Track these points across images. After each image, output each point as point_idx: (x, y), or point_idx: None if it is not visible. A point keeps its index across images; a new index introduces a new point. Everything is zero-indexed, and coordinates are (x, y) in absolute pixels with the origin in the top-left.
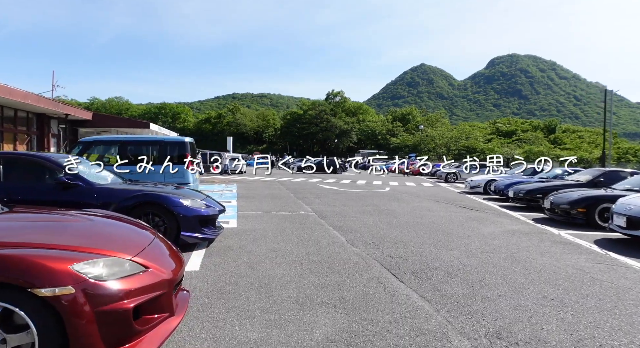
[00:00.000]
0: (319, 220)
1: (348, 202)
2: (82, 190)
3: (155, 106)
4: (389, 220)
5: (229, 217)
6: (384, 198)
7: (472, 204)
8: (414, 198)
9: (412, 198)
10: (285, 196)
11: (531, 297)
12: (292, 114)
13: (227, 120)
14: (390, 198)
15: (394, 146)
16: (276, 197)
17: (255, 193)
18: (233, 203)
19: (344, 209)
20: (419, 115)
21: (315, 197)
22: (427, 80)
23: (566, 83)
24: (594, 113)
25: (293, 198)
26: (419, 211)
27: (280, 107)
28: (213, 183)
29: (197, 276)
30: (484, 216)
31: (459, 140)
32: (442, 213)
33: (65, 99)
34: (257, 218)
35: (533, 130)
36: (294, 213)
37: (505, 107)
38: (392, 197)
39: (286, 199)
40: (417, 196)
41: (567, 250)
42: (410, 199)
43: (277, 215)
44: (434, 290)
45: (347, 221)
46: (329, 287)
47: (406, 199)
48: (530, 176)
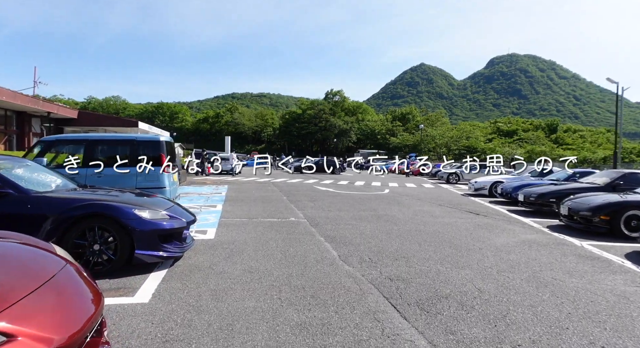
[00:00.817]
0: (310, 229)
1: (344, 207)
2: (11, 200)
3: (153, 106)
4: (389, 228)
5: (209, 225)
6: (383, 201)
7: (479, 208)
8: (415, 201)
9: (413, 201)
10: (277, 199)
11: (575, 344)
12: (290, 114)
13: (226, 120)
14: (389, 202)
15: (393, 146)
16: (267, 200)
17: (246, 195)
18: (217, 209)
19: (339, 215)
20: (418, 114)
21: (310, 200)
22: (426, 80)
23: (566, 83)
24: (593, 113)
25: (285, 202)
26: (421, 217)
27: (280, 106)
28: (203, 185)
29: (142, 312)
30: (493, 223)
31: (459, 140)
32: (447, 219)
33: (62, 98)
34: (240, 226)
35: (534, 130)
36: (283, 220)
37: (504, 106)
38: (392, 201)
39: (277, 203)
40: (419, 199)
41: (598, 268)
42: (411, 203)
43: (263, 223)
44: (446, 333)
45: (341, 229)
46: (310, 328)
47: (407, 203)
48: (538, 178)
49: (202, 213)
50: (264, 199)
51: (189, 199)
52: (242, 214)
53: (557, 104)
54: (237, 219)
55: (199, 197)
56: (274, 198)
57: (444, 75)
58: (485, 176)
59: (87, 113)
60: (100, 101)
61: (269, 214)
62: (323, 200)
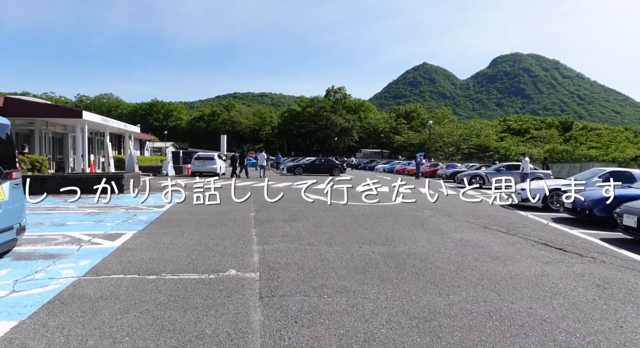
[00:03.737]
0: (249, 314)
1: (336, 233)
2: None
3: (146, 104)
4: (428, 302)
5: (44, 295)
6: (398, 220)
7: (558, 238)
8: (445, 219)
9: (441, 219)
10: (239, 217)
11: None
12: (290, 112)
13: (222, 118)
14: (407, 222)
15: (397, 145)
16: (222, 219)
17: (197, 210)
18: (113, 244)
19: (326, 257)
20: (423, 112)
21: (288, 218)
22: (429, 80)
23: (570, 82)
24: (597, 112)
25: (247, 224)
26: (473, 258)
27: (282, 106)
28: (156, 192)
29: None
30: (621, 278)
31: (469, 138)
32: (523, 265)
33: (52, 96)
34: (84, 312)
35: (547, 128)
36: (209, 277)
37: (508, 106)
38: (410, 218)
39: (233, 226)
40: (448, 215)
41: None
42: (441, 223)
43: (156, 291)
44: None
45: (320, 306)
46: None
47: (434, 223)
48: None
49: (69, 257)
50: (219, 218)
51: (100, 218)
52: (145, 259)
53: (561, 103)
54: (117, 276)
55: (124, 214)
56: (236, 215)
57: (446, 75)
58: (536, 182)
59: (16, 100)
60: (92, 99)
61: (197, 257)
62: (307, 220)
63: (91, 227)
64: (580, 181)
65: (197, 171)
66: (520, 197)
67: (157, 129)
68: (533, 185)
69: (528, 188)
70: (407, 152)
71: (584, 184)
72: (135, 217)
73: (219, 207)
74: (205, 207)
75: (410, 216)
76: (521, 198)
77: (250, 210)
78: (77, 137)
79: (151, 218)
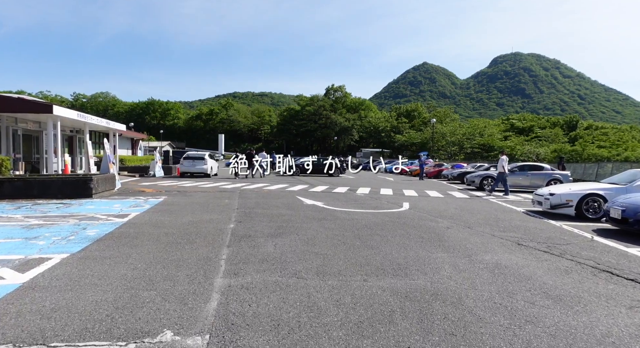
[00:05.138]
0: None
1: (333, 255)
2: None
3: (143, 103)
4: None
5: None
6: (409, 234)
7: (617, 260)
8: (466, 232)
9: (461, 233)
10: (211, 233)
11: None
12: (289, 110)
13: (220, 118)
14: (422, 237)
15: (399, 144)
16: (189, 235)
17: (164, 222)
18: (30, 274)
19: (315, 297)
20: (425, 111)
21: (274, 231)
22: (429, 79)
23: (570, 81)
24: (598, 112)
25: (220, 242)
26: (525, 301)
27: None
28: (132, 196)
29: None
30: None
31: (472, 137)
32: (606, 316)
33: (48, 94)
34: None
35: (551, 127)
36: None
37: (508, 106)
38: (425, 232)
39: (200, 245)
40: (468, 226)
41: None
42: (463, 237)
43: None
44: None
45: None
46: None
47: (453, 238)
48: None
49: None
50: (188, 232)
51: (38, 233)
52: (47, 308)
53: (562, 103)
54: None
55: (71, 227)
56: (211, 227)
57: (447, 75)
58: (565, 186)
59: None
60: (88, 97)
61: (125, 305)
62: (296, 234)
63: (14, 248)
64: (618, 185)
65: (186, 172)
66: (550, 203)
67: (154, 128)
68: (561, 189)
69: (560, 193)
70: (409, 151)
71: (624, 188)
72: (83, 231)
73: (193, 216)
74: (176, 216)
75: (423, 228)
76: (550, 205)
77: (230, 220)
78: (49, 134)
79: (102, 233)
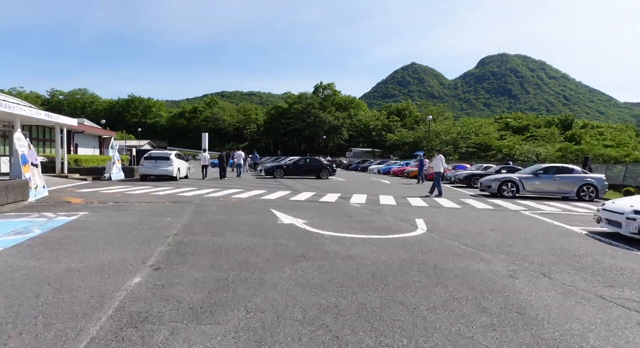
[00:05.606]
0: None
1: None
2: None
3: (123, 100)
4: None
5: None
6: (454, 296)
7: None
8: (546, 285)
9: (540, 288)
10: (69, 313)
11: None
12: (276, 108)
13: (205, 116)
14: (480, 306)
15: (390, 143)
16: (14, 323)
17: (14, 277)
18: None
19: None
20: (415, 110)
21: (205, 302)
22: (417, 79)
23: (555, 82)
24: (582, 112)
25: (75, 339)
26: None
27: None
28: (45, 210)
29: None
30: None
31: (467, 137)
32: None
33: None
34: None
35: (547, 126)
36: None
37: (495, 106)
38: (477, 288)
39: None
40: (538, 270)
41: None
42: (547, 301)
43: None
44: None
45: None
46: None
47: (537, 306)
48: None
49: None
50: (29, 306)
51: None
52: None
53: (547, 103)
54: None
55: None
56: (87, 291)
57: (435, 75)
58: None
59: None
60: (65, 93)
61: None
62: (249, 299)
63: None
64: None
65: (147, 174)
66: (638, 226)
67: (134, 126)
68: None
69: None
70: (401, 151)
71: None
72: None
73: (87, 255)
74: (56, 258)
75: (470, 277)
76: (637, 227)
77: (144, 263)
78: None
79: None
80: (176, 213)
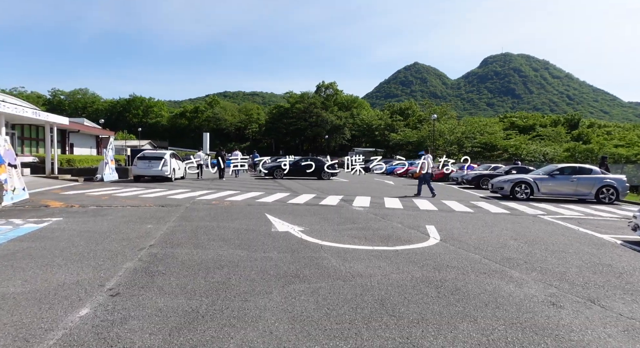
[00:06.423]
0: None
1: None
2: None
3: (124, 100)
4: None
5: None
6: (481, 333)
7: None
8: (601, 320)
9: (595, 325)
10: None
11: None
12: (278, 108)
13: (206, 115)
14: None
15: (393, 143)
16: None
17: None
18: None
19: None
20: (419, 109)
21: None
22: (420, 79)
23: (559, 82)
24: (586, 112)
25: None
26: None
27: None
28: (15, 217)
29: None
30: None
31: (472, 136)
32: None
33: (22, 91)
34: None
35: (553, 126)
36: None
37: (499, 106)
38: (505, 317)
39: None
40: (583, 296)
41: None
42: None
43: None
44: None
45: None
46: None
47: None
48: None
49: None
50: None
51: None
52: None
53: (551, 103)
54: None
55: None
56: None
57: (437, 75)
58: None
59: None
60: (67, 93)
61: None
62: (225, 344)
63: None
64: None
65: (140, 175)
66: None
67: (135, 126)
68: None
69: None
70: (404, 150)
71: None
72: None
73: (34, 276)
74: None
75: (495, 302)
76: None
77: (108, 280)
78: None
79: None
80: (160, 219)
